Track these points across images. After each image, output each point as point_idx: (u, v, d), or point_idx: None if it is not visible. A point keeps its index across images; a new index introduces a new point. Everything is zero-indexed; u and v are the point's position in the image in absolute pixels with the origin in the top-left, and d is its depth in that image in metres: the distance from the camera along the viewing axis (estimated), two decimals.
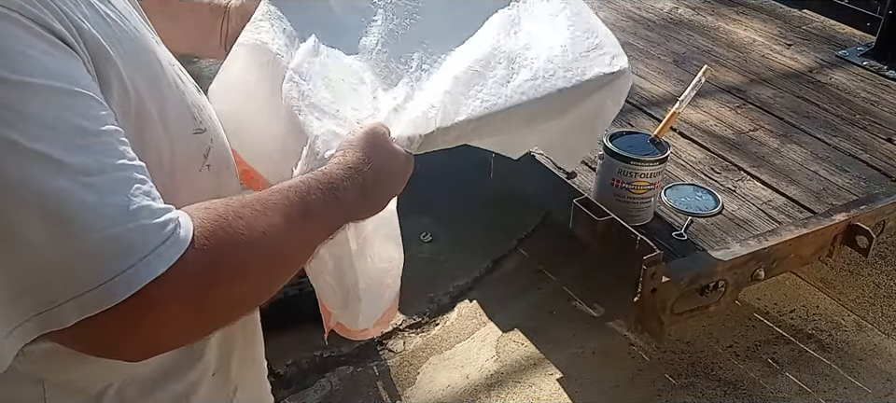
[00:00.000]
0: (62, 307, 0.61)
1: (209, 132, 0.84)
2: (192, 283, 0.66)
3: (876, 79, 2.82)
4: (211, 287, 0.68)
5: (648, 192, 1.88)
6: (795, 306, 2.60)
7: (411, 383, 2.33)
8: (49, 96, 0.61)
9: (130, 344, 0.66)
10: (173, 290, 0.64)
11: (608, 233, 1.85)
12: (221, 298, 0.69)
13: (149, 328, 0.65)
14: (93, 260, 0.61)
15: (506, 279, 2.75)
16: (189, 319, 0.68)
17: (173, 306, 0.65)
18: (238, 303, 0.73)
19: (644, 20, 3.28)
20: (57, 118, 0.61)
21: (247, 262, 0.70)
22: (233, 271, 0.69)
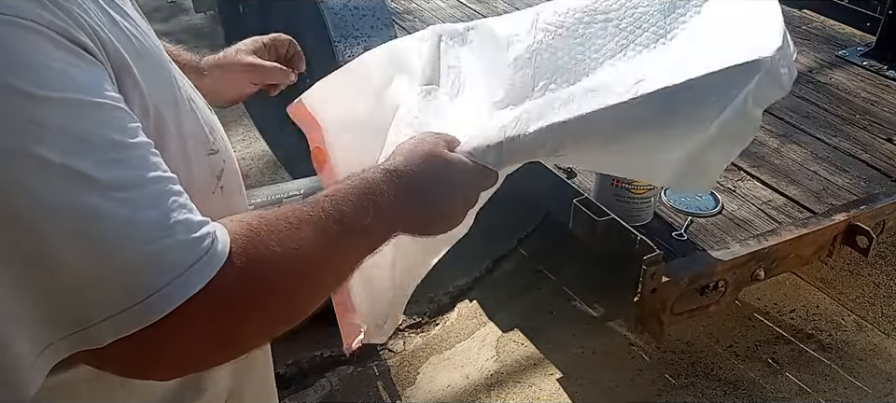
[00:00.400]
0: (98, 326, 0.60)
1: (222, 152, 0.82)
2: (229, 300, 0.64)
3: (876, 79, 2.82)
4: (246, 305, 0.66)
5: (648, 192, 1.88)
6: (795, 306, 2.60)
7: (411, 383, 2.33)
8: (78, 110, 0.59)
9: (163, 364, 0.64)
10: (210, 307, 0.62)
11: (608, 233, 1.85)
12: (255, 316, 0.67)
13: (184, 347, 0.63)
14: (130, 277, 0.59)
15: (506, 279, 2.75)
16: (224, 337, 0.66)
17: (209, 324, 0.63)
18: (272, 321, 0.70)
19: None
20: (87, 132, 0.59)
21: (280, 278, 0.68)
22: (267, 289, 0.67)
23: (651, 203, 1.92)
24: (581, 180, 2.10)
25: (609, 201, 1.88)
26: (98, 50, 0.64)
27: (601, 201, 1.90)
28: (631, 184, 1.86)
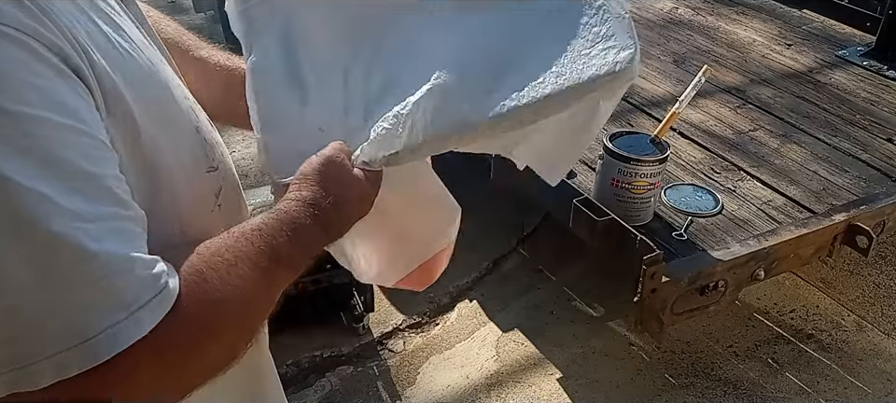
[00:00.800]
0: (39, 364, 0.55)
1: (221, 170, 0.81)
2: (176, 342, 0.61)
3: (876, 79, 2.82)
4: (192, 347, 0.64)
5: (648, 192, 1.88)
6: (795, 306, 2.60)
7: (411, 383, 2.33)
8: (51, 131, 0.56)
9: None
10: (157, 349, 0.59)
11: (608, 233, 1.85)
12: (199, 357, 0.65)
13: (126, 390, 0.59)
14: (80, 313, 0.56)
15: (506, 279, 2.75)
16: (167, 381, 0.63)
17: (155, 367, 0.60)
18: (214, 362, 0.68)
19: (644, 20, 3.28)
20: (56, 155, 0.56)
21: (223, 319, 0.67)
22: (210, 328, 0.65)
23: (651, 203, 1.92)
24: (581, 180, 2.10)
25: (609, 201, 1.89)
26: (86, 69, 0.61)
27: (601, 201, 1.90)
28: (631, 183, 1.86)
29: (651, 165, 1.85)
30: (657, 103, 2.56)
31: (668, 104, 2.56)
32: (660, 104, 2.56)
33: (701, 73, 1.86)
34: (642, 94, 2.62)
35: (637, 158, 1.85)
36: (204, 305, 0.64)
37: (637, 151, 1.86)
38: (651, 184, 1.88)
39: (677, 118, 1.93)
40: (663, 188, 2.04)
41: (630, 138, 1.93)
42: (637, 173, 1.85)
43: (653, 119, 2.44)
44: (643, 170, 1.85)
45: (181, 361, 0.63)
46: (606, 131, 2.00)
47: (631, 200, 1.88)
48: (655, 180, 1.88)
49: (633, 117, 2.48)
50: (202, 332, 0.64)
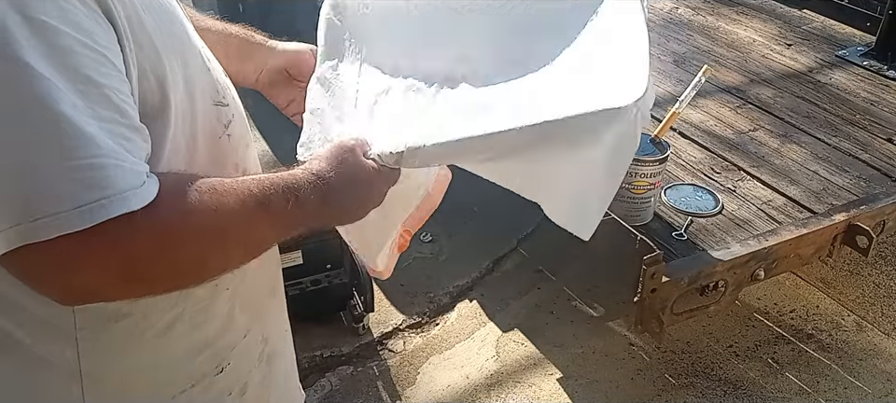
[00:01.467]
0: (45, 220, 0.65)
1: (231, 107, 0.92)
2: (151, 230, 0.70)
3: (876, 79, 2.82)
4: (163, 241, 0.72)
5: (648, 192, 1.88)
6: (795, 306, 2.60)
7: (411, 383, 2.33)
8: (66, 40, 0.67)
9: (78, 277, 0.69)
10: (133, 232, 0.68)
11: (608, 233, 1.85)
12: (166, 255, 0.73)
13: (100, 264, 0.69)
14: (80, 183, 0.66)
15: (506, 279, 2.75)
16: (134, 268, 0.71)
17: (128, 248, 0.69)
18: (182, 267, 0.75)
19: None
20: (69, 63, 0.67)
21: (192, 228, 0.74)
22: (177, 234, 0.73)
23: (651, 203, 1.92)
24: None
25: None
26: (112, 5, 0.71)
27: None
28: (631, 183, 1.86)
29: (651, 165, 1.85)
30: (657, 103, 2.55)
31: (668, 104, 2.56)
32: (660, 104, 2.56)
33: (701, 73, 1.86)
34: None
35: (637, 158, 1.84)
36: (177, 214, 0.73)
37: (637, 151, 1.86)
38: (652, 184, 1.88)
39: (677, 117, 1.93)
40: (663, 188, 2.04)
41: None
42: (637, 173, 1.85)
43: (653, 119, 2.44)
44: (643, 170, 1.85)
45: (153, 250, 0.71)
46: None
47: (631, 200, 1.88)
48: (655, 180, 1.88)
49: None
50: (168, 234, 0.72)
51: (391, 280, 1.49)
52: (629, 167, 1.75)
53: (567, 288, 2.69)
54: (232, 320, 0.94)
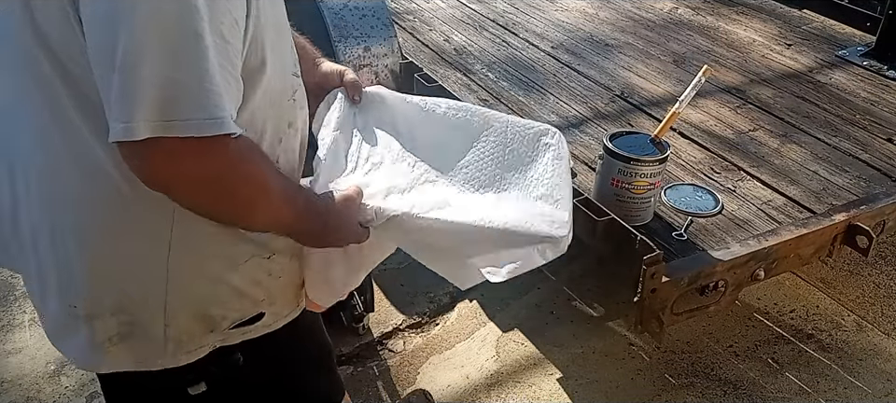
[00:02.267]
0: (175, 122, 0.89)
1: (299, 79, 1.20)
2: (230, 155, 0.95)
3: (876, 79, 2.83)
4: (234, 169, 0.98)
5: (648, 192, 1.88)
6: (795, 306, 2.61)
7: (411, 383, 2.33)
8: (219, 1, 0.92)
9: (180, 170, 0.93)
10: (222, 149, 0.93)
11: (608, 233, 1.85)
12: (231, 181, 0.98)
13: (193, 165, 0.94)
14: (207, 101, 0.90)
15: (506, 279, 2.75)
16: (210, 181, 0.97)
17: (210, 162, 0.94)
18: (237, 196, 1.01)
19: (644, 21, 3.28)
20: (219, 14, 0.92)
21: (252, 181, 1.02)
22: (246, 170, 1.00)
23: (651, 204, 1.92)
24: (581, 180, 2.10)
25: (609, 201, 1.89)
26: None
27: (601, 200, 1.90)
28: (631, 183, 1.86)
29: (651, 165, 1.85)
30: (657, 102, 2.57)
31: (668, 104, 2.56)
32: (660, 103, 2.56)
33: (701, 73, 1.86)
34: (642, 94, 2.62)
35: (637, 158, 1.85)
36: (247, 160, 1.00)
37: (636, 151, 1.86)
38: (652, 184, 1.88)
39: (677, 118, 1.93)
40: (663, 188, 2.04)
41: (630, 138, 1.93)
42: (637, 172, 1.85)
43: (653, 119, 2.44)
44: (643, 170, 1.85)
45: (226, 173, 0.97)
46: (606, 130, 2.01)
47: (631, 200, 1.88)
48: (655, 180, 1.88)
49: (633, 117, 2.48)
50: (242, 167, 0.99)
51: (391, 280, 1.50)
52: (629, 167, 1.77)
53: (566, 288, 2.69)
54: None
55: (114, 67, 0.87)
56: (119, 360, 1.15)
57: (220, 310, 1.15)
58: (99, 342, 1.12)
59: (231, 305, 1.16)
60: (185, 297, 1.11)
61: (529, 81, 2.70)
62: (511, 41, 3.04)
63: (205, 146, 0.91)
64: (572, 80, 2.72)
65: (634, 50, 2.98)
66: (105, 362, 1.16)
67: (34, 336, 2.41)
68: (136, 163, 0.93)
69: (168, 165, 0.92)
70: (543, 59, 2.89)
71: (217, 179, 0.97)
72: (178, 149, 0.90)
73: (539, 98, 2.58)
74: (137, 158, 0.92)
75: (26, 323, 2.47)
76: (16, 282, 2.63)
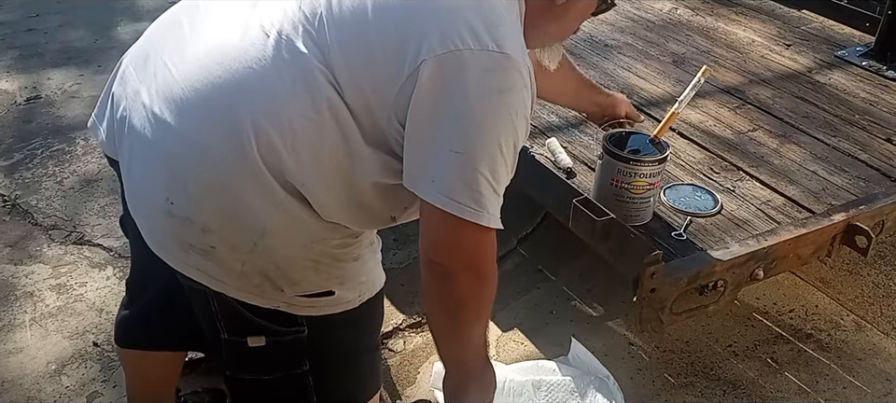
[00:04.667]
0: (470, 209, 1.17)
1: None
2: (487, 250, 1.27)
3: (876, 79, 2.83)
4: (485, 263, 1.27)
5: (647, 192, 1.89)
6: (794, 306, 2.61)
7: (411, 383, 2.33)
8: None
9: (452, 247, 1.22)
10: (476, 244, 1.24)
11: (608, 233, 1.86)
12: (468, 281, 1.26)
13: (478, 254, 1.25)
14: (495, 201, 1.22)
15: (506, 279, 2.76)
16: (467, 268, 1.25)
17: (471, 253, 1.24)
18: (463, 297, 1.28)
19: (644, 21, 3.28)
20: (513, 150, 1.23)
21: (479, 299, 1.32)
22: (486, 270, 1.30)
23: (651, 203, 1.93)
24: (581, 180, 2.11)
25: (609, 202, 1.89)
26: None
27: (601, 201, 1.90)
28: (630, 183, 1.87)
29: (650, 165, 1.85)
30: (656, 103, 2.57)
31: (668, 104, 2.56)
32: (659, 104, 2.56)
33: (700, 73, 1.87)
34: (642, 94, 2.63)
35: (636, 158, 1.85)
36: (485, 280, 1.31)
37: (636, 151, 1.87)
38: (651, 184, 1.88)
39: (676, 118, 1.94)
40: (662, 188, 2.05)
41: (629, 138, 1.94)
42: (637, 173, 1.85)
43: (653, 119, 2.45)
44: (642, 170, 1.85)
45: (486, 263, 1.28)
46: (604, 130, 2.01)
47: (631, 200, 1.89)
48: (655, 180, 1.88)
49: None
50: (491, 265, 1.31)
51: (391, 280, 1.51)
52: (629, 168, 1.78)
53: (566, 288, 2.69)
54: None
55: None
56: (191, 265, 1.26)
57: (297, 274, 1.26)
58: (179, 241, 1.24)
59: (308, 275, 1.27)
60: (270, 253, 1.22)
61: None
62: None
63: (480, 233, 1.25)
64: None
65: (633, 50, 2.98)
66: (177, 259, 1.27)
67: (34, 336, 2.42)
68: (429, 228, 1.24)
69: (447, 241, 1.26)
70: None
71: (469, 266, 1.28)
72: (461, 231, 1.23)
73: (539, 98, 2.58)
74: (430, 219, 1.23)
75: (26, 323, 2.47)
76: (16, 281, 2.64)
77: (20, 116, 3.67)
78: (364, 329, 1.47)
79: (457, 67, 1.12)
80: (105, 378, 2.27)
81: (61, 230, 2.89)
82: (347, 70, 1.15)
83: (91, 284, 2.63)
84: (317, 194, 1.20)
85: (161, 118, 1.20)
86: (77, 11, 4.79)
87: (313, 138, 1.16)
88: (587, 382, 2.08)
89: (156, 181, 1.23)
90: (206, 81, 1.17)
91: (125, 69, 1.33)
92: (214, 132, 1.17)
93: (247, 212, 1.18)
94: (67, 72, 4.06)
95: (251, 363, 1.39)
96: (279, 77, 1.16)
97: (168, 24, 1.33)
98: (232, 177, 1.17)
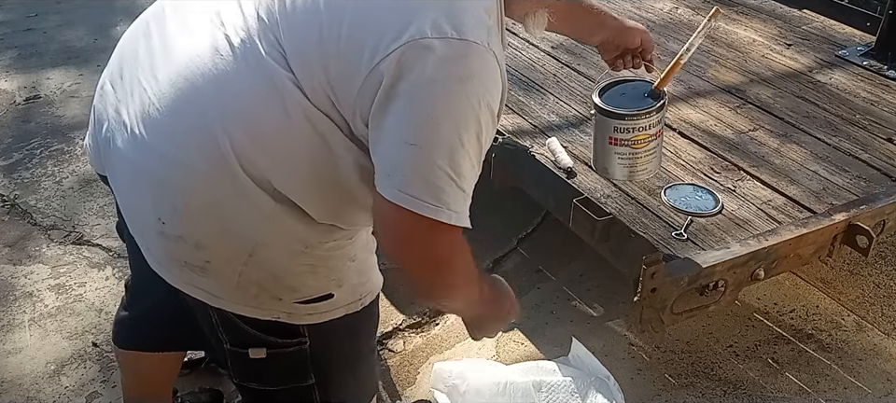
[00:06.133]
0: (440, 209, 1.11)
1: None
2: (456, 250, 1.21)
3: (876, 79, 2.82)
4: (456, 258, 1.22)
5: (651, 142, 1.76)
6: (795, 306, 2.60)
7: (411, 383, 2.33)
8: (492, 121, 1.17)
9: (417, 245, 1.16)
10: (447, 241, 1.17)
11: (608, 233, 1.85)
12: (447, 270, 1.23)
13: (427, 244, 1.16)
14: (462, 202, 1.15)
15: (506, 279, 2.74)
16: (435, 262, 1.20)
17: (438, 247, 1.17)
18: (445, 279, 1.26)
19: (644, 21, 3.28)
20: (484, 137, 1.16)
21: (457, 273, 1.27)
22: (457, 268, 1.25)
23: (657, 154, 1.81)
24: (581, 180, 2.10)
25: (610, 161, 1.79)
26: None
27: (602, 161, 1.81)
28: (630, 140, 1.75)
29: (646, 117, 1.72)
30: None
31: (669, 104, 2.56)
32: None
33: (710, 15, 1.76)
34: None
35: (632, 113, 1.71)
36: (466, 253, 1.24)
37: (631, 104, 1.74)
38: (652, 135, 1.75)
39: (679, 68, 1.79)
40: (663, 189, 2.04)
41: (621, 88, 1.78)
42: (636, 127, 1.73)
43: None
44: (640, 123, 1.73)
45: (446, 264, 1.22)
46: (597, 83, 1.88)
47: (634, 155, 1.76)
48: (656, 130, 1.75)
49: None
50: (463, 258, 1.24)
51: (391, 280, 1.50)
52: (625, 124, 1.76)
53: (566, 288, 2.69)
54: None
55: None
56: (188, 283, 1.27)
57: (295, 280, 1.26)
58: (174, 259, 1.25)
59: (305, 280, 1.26)
60: (266, 262, 1.22)
61: (529, 81, 2.69)
62: (511, 41, 3.04)
63: (442, 228, 1.16)
64: (572, 80, 2.72)
65: None
66: (175, 277, 1.28)
67: (34, 336, 2.41)
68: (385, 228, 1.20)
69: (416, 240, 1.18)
70: (543, 59, 2.89)
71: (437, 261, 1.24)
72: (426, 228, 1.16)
73: (539, 98, 2.58)
74: (388, 220, 1.16)
75: (26, 323, 2.47)
76: (16, 281, 2.64)
77: (19, 115, 3.67)
78: (364, 333, 1.47)
79: (415, 58, 1.07)
80: (105, 378, 2.27)
81: (60, 230, 2.89)
82: (306, 71, 1.13)
83: (90, 285, 2.62)
84: (307, 197, 1.19)
85: (143, 139, 1.20)
86: (77, 11, 4.79)
87: (291, 143, 1.15)
88: (588, 382, 2.07)
89: (145, 202, 1.24)
90: (180, 100, 1.17)
91: (104, 84, 1.33)
92: (195, 151, 1.17)
93: (239, 225, 1.18)
94: (66, 72, 4.06)
95: (254, 374, 1.39)
96: (248, 88, 1.15)
97: (139, 35, 1.31)
98: (219, 194, 1.17)
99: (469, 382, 2.10)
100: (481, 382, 2.09)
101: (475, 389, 2.07)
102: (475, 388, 2.08)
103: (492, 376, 2.11)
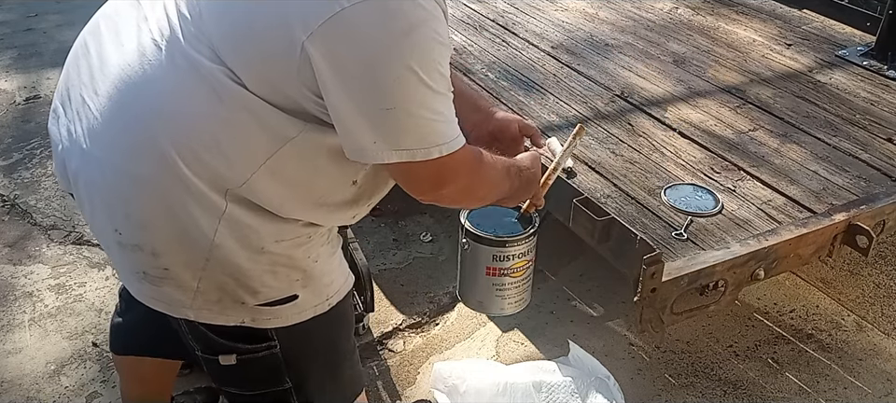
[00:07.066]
0: (431, 148, 1.14)
1: None
2: (465, 164, 1.23)
3: (876, 79, 2.82)
4: (469, 172, 1.25)
5: (529, 269, 1.70)
6: (795, 306, 2.60)
7: (411, 383, 2.33)
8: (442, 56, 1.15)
9: (438, 182, 1.21)
10: (458, 161, 1.19)
11: (608, 233, 1.85)
12: (469, 181, 1.27)
13: (445, 176, 1.20)
14: (446, 130, 1.16)
15: None
16: (459, 182, 1.23)
17: (456, 169, 1.21)
18: (474, 191, 1.33)
19: (644, 20, 3.28)
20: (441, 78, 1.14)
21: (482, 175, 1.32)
22: (477, 173, 1.29)
23: (530, 282, 1.74)
24: (581, 180, 2.10)
25: (488, 298, 1.70)
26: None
27: (475, 296, 1.72)
28: (509, 267, 1.66)
29: (527, 241, 1.65)
30: (657, 102, 2.57)
31: (668, 104, 2.56)
32: (660, 103, 2.56)
33: (575, 132, 1.68)
34: (642, 94, 2.62)
35: (506, 238, 1.62)
36: (478, 162, 1.29)
37: (505, 230, 1.64)
38: (530, 260, 1.68)
39: (548, 187, 1.64)
40: (663, 189, 2.04)
41: (487, 212, 1.64)
42: (515, 254, 1.64)
43: (653, 119, 2.44)
44: (519, 249, 1.64)
45: (465, 177, 1.24)
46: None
47: (513, 286, 1.69)
48: (533, 255, 1.69)
49: (633, 116, 2.48)
50: (474, 171, 1.28)
51: (391, 280, 1.50)
52: (505, 251, 1.67)
53: (566, 288, 2.69)
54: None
55: None
56: (150, 295, 1.25)
57: (255, 283, 1.23)
58: (134, 271, 1.24)
59: (266, 281, 1.24)
60: (224, 265, 1.20)
61: (529, 81, 2.70)
62: (510, 41, 3.04)
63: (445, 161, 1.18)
64: (572, 80, 2.72)
65: (634, 50, 2.98)
66: (137, 290, 1.27)
67: (34, 336, 2.41)
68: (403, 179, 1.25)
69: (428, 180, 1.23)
70: (543, 59, 2.89)
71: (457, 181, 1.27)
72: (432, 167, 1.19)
73: (539, 98, 2.58)
74: (401, 174, 1.23)
75: (26, 323, 2.47)
76: (16, 281, 2.64)
77: (18, 115, 3.67)
78: (338, 334, 1.45)
79: (347, 30, 1.05)
80: (105, 378, 2.27)
81: (60, 230, 2.89)
82: (238, 60, 1.12)
83: (90, 285, 2.62)
84: (264, 190, 1.17)
85: (92, 154, 1.20)
86: (77, 11, 4.79)
87: (236, 136, 1.14)
88: (588, 382, 2.07)
89: (101, 214, 1.24)
90: (119, 112, 1.17)
91: (55, 107, 1.33)
92: (141, 160, 1.16)
93: (193, 229, 1.17)
94: None
95: (229, 379, 1.39)
96: (184, 89, 1.14)
97: (79, 54, 1.30)
98: (170, 199, 1.16)
99: (468, 382, 2.10)
100: (481, 382, 2.09)
101: (475, 389, 2.07)
102: (475, 388, 2.08)
103: (492, 376, 2.10)
